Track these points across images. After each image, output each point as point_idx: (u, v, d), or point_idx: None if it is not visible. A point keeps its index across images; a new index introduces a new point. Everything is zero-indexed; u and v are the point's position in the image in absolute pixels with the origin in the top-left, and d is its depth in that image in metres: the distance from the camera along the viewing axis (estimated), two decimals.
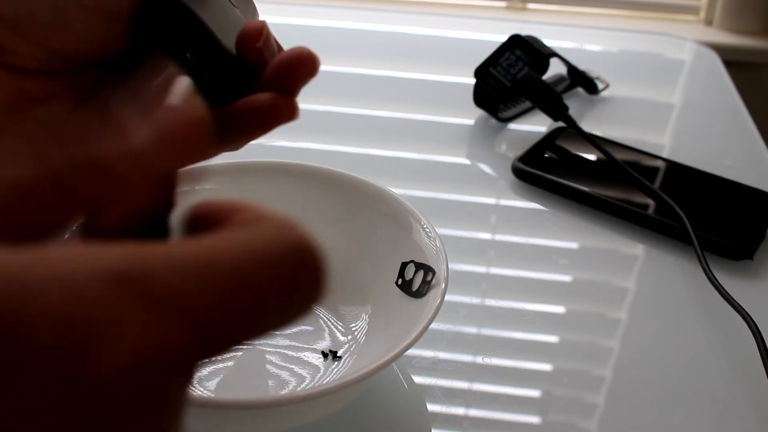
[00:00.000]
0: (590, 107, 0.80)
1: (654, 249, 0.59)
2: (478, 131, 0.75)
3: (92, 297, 0.15)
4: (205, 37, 0.28)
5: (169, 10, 0.28)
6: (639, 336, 0.52)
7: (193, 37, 0.28)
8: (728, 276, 0.55)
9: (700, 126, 0.80)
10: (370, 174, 0.51)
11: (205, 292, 0.16)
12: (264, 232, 0.18)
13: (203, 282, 0.16)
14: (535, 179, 0.65)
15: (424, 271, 0.45)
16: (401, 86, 0.86)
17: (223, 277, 0.16)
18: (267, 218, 0.19)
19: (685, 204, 0.60)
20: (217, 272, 0.16)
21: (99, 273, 0.15)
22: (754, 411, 0.46)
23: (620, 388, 0.47)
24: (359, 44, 0.98)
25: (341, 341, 0.46)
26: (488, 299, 0.54)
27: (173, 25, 0.28)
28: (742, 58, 1.43)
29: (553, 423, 0.45)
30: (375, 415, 0.44)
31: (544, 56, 0.72)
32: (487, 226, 0.62)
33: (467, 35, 1.03)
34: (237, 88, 0.30)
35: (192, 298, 0.16)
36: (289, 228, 0.18)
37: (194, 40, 0.28)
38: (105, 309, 0.15)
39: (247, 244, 0.17)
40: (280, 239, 0.18)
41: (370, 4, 1.37)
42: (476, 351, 0.50)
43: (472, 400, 0.46)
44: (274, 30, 0.31)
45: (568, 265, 0.58)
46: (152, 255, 0.16)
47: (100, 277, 0.15)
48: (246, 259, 0.17)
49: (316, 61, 0.29)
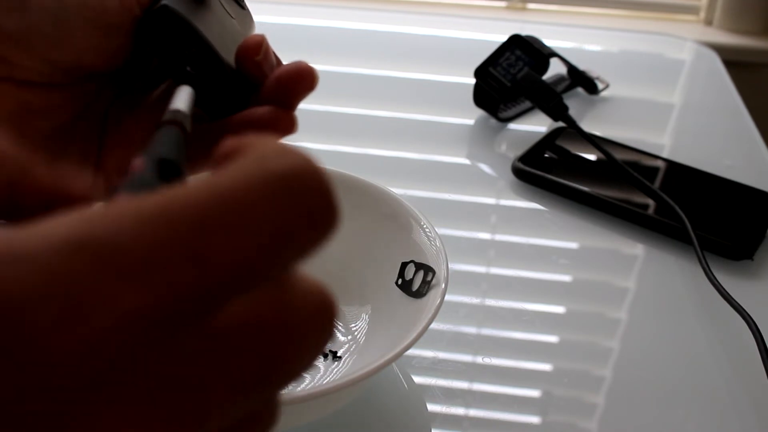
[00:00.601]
0: (590, 107, 0.80)
1: (654, 249, 0.59)
2: (478, 131, 0.75)
3: (46, 270, 0.13)
4: (205, 50, 0.29)
5: (170, 24, 0.28)
6: (639, 336, 0.52)
7: (193, 51, 0.28)
8: (728, 276, 0.55)
9: (700, 126, 0.80)
10: (370, 174, 0.51)
11: (162, 252, 0.14)
12: (245, 166, 0.15)
13: (161, 235, 0.14)
14: (535, 179, 0.65)
15: (424, 271, 0.45)
16: (401, 86, 0.86)
17: (184, 227, 0.14)
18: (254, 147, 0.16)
19: (685, 204, 0.60)
20: (175, 222, 0.14)
21: (52, 244, 0.14)
22: (754, 411, 0.46)
23: (620, 388, 0.47)
24: (359, 44, 0.98)
25: (341, 341, 0.46)
26: (488, 299, 0.54)
27: (173, 39, 0.28)
28: (742, 58, 1.43)
29: (553, 423, 0.45)
30: (375, 415, 0.44)
31: (544, 56, 0.72)
32: (487, 226, 0.62)
33: (467, 35, 1.03)
34: (236, 101, 0.30)
35: (149, 255, 0.14)
36: (281, 153, 0.16)
37: (194, 53, 0.29)
38: (58, 282, 0.13)
39: (222, 187, 0.15)
40: (263, 170, 0.15)
41: (370, 4, 1.37)
42: (476, 351, 0.49)
43: (472, 400, 0.46)
44: (273, 30, 0.31)
45: (568, 265, 0.58)
46: (105, 216, 0.14)
47: (53, 249, 0.14)
48: (217, 205, 0.15)
49: (314, 75, 0.29)
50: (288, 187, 0.15)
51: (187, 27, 0.28)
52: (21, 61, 0.27)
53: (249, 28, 0.34)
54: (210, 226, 0.14)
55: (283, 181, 0.15)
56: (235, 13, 0.33)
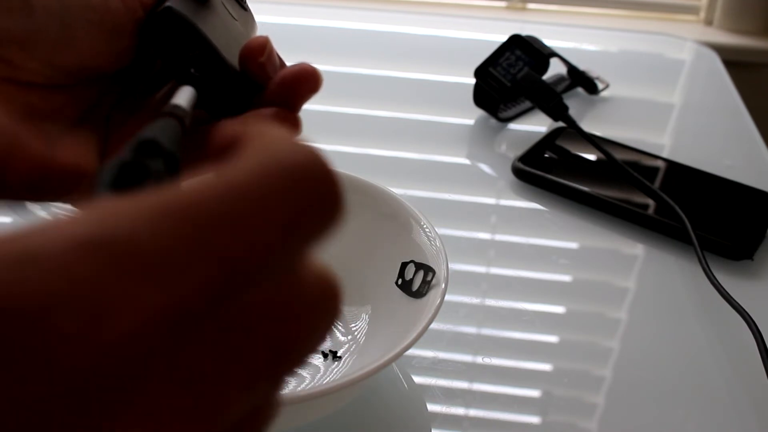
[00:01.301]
0: (590, 107, 0.80)
1: (654, 249, 0.59)
2: (478, 131, 0.75)
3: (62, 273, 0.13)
4: (209, 52, 0.29)
5: (173, 26, 0.28)
6: (639, 336, 0.52)
7: (197, 53, 0.29)
8: (728, 276, 0.55)
9: (700, 126, 0.80)
10: (370, 174, 0.51)
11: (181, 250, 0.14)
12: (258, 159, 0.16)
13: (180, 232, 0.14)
14: (535, 179, 0.65)
15: (424, 271, 0.45)
16: (401, 86, 0.86)
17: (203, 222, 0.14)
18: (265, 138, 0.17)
19: (685, 204, 0.60)
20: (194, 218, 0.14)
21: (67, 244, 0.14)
22: (754, 411, 0.46)
23: (620, 388, 0.47)
24: (359, 44, 0.98)
25: (341, 341, 0.46)
26: (488, 299, 0.54)
27: (177, 41, 0.28)
28: (742, 58, 1.43)
29: (553, 423, 0.45)
30: (375, 415, 0.44)
31: (544, 56, 0.72)
32: (487, 226, 0.62)
33: (467, 35, 1.03)
34: (239, 102, 0.30)
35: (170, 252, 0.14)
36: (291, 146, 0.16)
37: (198, 55, 0.29)
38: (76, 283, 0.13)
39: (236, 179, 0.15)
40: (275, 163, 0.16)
41: (370, 4, 1.37)
42: (476, 351, 0.50)
43: (472, 400, 0.46)
44: (274, 30, 0.31)
45: (568, 265, 0.58)
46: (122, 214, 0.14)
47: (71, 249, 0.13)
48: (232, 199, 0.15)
49: (318, 77, 0.30)
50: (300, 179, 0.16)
51: (190, 29, 0.28)
52: (25, 64, 0.27)
53: (251, 29, 0.34)
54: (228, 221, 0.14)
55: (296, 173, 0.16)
56: (237, 15, 0.33)
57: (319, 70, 0.30)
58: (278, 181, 0.15)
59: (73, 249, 0.14)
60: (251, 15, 0.35)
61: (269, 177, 0.15)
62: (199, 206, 0.14)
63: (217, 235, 0.14)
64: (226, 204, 0.15)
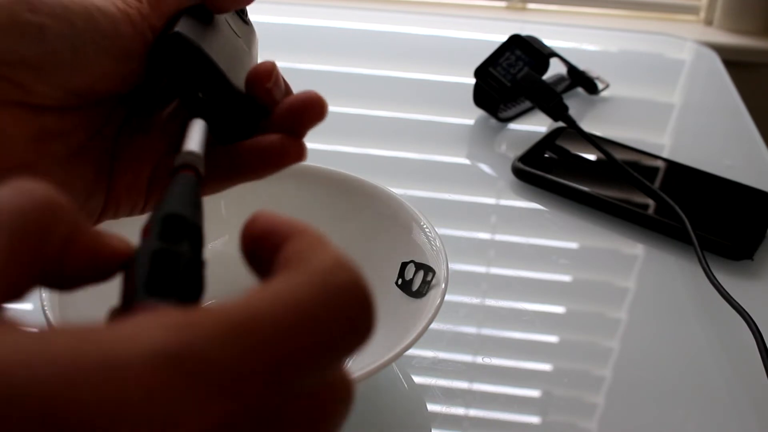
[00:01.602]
0: (590, 107, 0.80)
1: (654, 249, 0.59)
2: (478, 131, 0.75)
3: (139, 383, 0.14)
4: (216, 76, 0.29)
5: (182, 51, 0.29)
6: (639, 336, 0.52)
7: (204, 77, 0.29)
8: (728, 276, 0.55)
9: (700, 126, 0.80)
10: (370, 174, 0.51)
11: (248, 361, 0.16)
12: (311, 279, 0.17)
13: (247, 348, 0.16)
14: (535, 179, 0.65)
15: (424, 271, 0.45)
16: (401, 86, 0.86)
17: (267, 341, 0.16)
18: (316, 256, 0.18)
19: (685, 204, 0.60)
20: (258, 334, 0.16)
21: (145, 354, 0.14)
22: (754, 411, 0.46)
23: (620, 388, 0.47)
24: (359, 44, 0.98)
25: None
26: (488, 299, 0.54)
27: (185, 66, 0.29)
28: (742, 58, 1.43)
29: (553, 423, 0.45)
30: (375, 415, 0.44)
31: (544, 56, 0.72)
32: (487, 226, 0.62)
33: (467, 35, 1.03)
34: (246, 126, 0.31)
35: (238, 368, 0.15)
36: (339, 268, 0.18)
37: (205, 80, 0.29)
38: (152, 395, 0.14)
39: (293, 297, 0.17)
40: (325, 284, 0.17)
41: (370, 4, 1.37)
42: (476, 351, 0.50)
43: (472, 400, 0.46)
44: (274, 30, 0.31)
45: (568, 265, 0.58)
46: (193, 325, 0.15)
47: (146, 359, 0.14)
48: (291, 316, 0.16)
49: (324, 105, 0.30)
50: (347, 300, 0.17)
51: (199, 54, 0.29)
52: (37, 87, 0.27)
53: (254, 45, 0.35)
54: (286, 339, 0.16)
55: (342, 295, 0.17)
56: (240, 30, 0.34)
57: (324, 99, 0.30)
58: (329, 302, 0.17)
59: (148, 358, 0.14)
60: (253, 29, 0.36)
61: (322, 297, 0.17)
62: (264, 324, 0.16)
63: (278, 353, 0.16)
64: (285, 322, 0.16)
